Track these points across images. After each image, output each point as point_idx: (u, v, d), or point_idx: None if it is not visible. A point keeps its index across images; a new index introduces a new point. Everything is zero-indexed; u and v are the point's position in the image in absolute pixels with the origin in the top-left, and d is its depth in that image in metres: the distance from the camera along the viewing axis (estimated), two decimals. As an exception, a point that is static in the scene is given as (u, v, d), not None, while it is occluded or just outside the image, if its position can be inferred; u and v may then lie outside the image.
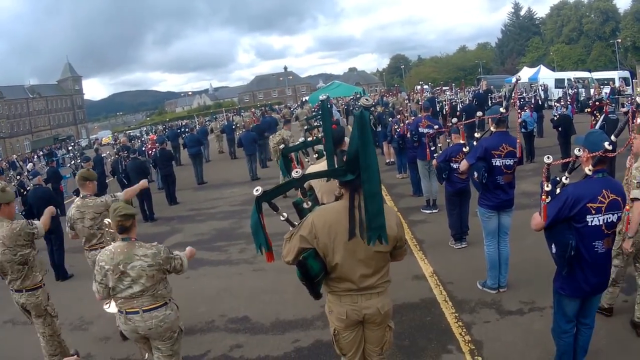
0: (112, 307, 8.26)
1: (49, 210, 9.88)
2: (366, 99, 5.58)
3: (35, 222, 9.42)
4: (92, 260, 9.76)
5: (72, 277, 15.20)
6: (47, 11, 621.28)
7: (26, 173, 29.08)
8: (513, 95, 11.89)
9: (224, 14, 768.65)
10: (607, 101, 23.60)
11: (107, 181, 27.74)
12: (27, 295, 9.16)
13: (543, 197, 6.60)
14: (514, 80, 11.91)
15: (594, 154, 6.47)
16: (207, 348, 9.90)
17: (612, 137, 6.59)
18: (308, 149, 10.68)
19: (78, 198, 10.69)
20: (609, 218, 6.45)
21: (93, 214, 10.29)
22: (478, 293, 10.71)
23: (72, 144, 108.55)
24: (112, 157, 30.45)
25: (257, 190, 5.58)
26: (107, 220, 8.91)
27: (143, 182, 10.94)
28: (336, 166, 6.47)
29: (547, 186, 6.58)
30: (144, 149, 35.11)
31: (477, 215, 10.76)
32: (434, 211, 17.14)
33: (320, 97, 7.92)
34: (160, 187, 27.16)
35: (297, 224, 5.84)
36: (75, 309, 11.98)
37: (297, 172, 5.71)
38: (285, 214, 5.96)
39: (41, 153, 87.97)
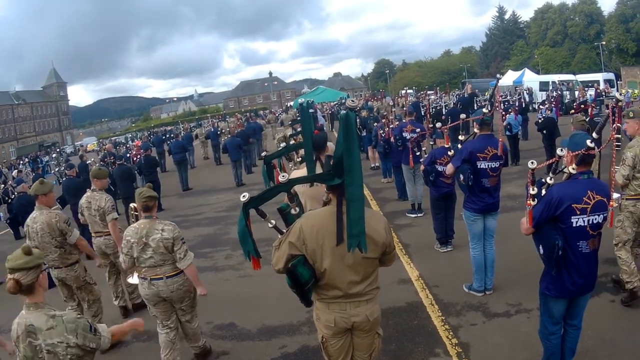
0: (134, 279, 9.28)
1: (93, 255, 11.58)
2: (352, 100, 5.55)
3: (76, 230, 10.64)
4: (97, 246, 11.94)
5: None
6: (33, 17, 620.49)
7: (10, 181, 28.99)
8: (495, 95, 11.88)
9: (210, 20, 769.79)
10: (592, 104, 23.64)
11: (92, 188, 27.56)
12: (66, 270, 10.50)
13: (529, 201, 6.62)
14: (495, 81, 11.91)
15: (576, 152, 6.49)
16: (194, 355, 9.81)
17: (594, 135, 6.63)
18: (292, 154, 10.67)
19: (89, 190, 12.20)
20: (595, 219, 6.47)
21: (97, 206, 11.71)
22: (464, 296, 10.70)
23: (57, 150, 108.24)
24: (98, 164, 30.36)
25: (244, 197, 5.56)
26: (132, 205, 9.82)
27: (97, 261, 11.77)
28: (320, 171, 6.45)
29: (533, 190, 6.59)
30: (128, 155, 35.00)
31: (462, 218, 10.76)
32: (419, 215, 17.15)
33: (300, 101, 7.92)
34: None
35: (285, 231, 5.80)
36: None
37: (283, 176, 5.69)
38: (273, 221, 5.94)
39: (26, 160, 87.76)
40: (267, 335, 10.31)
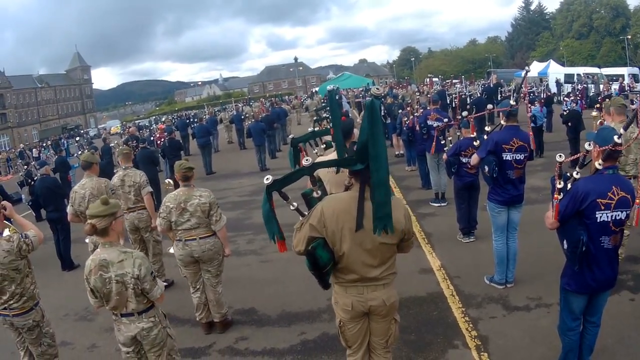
0: (172, 249, 10.26)
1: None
2: (377, 88, 5.60)
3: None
4: (130, 221, 12.44)
5: (79, 267, 15.15)
6: (57, 1, 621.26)
7: (33, 162, 29.00)
8: (523, 87, 11.80)
9: (236, 4, 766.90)
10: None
11: (114, 171, 27.43)
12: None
13: (555, 195, 6.61)
14: (523, 72, 11.84)
15: (603, 148, 6.46)
16: (213, 340, 9.92)
17: (621, 130, 6.59)
18: (317, 140, 10.70)
19: (121, 169, 12.89)
20: (618, 215, 6.44)
21: (132, 181, 12.39)
22: (485, 288, 10.68)
23: (80, 132, 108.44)
24: (120, 147, 30.39)
25: (268, 179, 5.68)
26: (167, 180, 11.48)
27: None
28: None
29: (560, 183, 6.57)
30: (152, 138, 35.01)
31: (485, 209, 10.73)
32: (442, 204, 17.08)
33: (328, 88, 7.92)
34: (169, 177, 26.77)
35: (306, 213, 5.86)
36: (81, 300, 11.88)
37: (307, 160, 5.77)
38: (295, 204, 5.98)
39: (49, 142, 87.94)
40: (286, 322, 10.34)
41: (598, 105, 21.33)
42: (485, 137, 10.44)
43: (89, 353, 10.20)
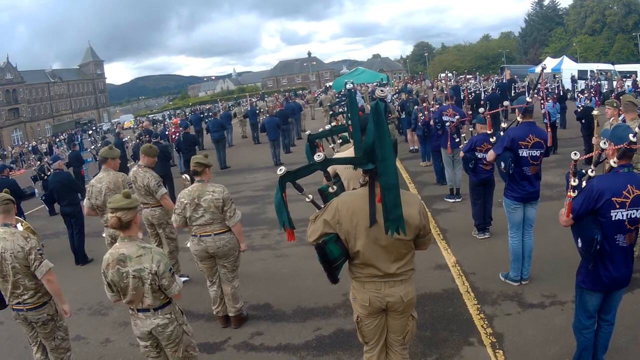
0: (189, 244, 10.18)
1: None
2: (381, 90, 5.61)
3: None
4: (144, 217, 12.33)
5: (92, 262, 15.34)
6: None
7: (46, 159, 29.05)
8: (539, 84, 11.72)
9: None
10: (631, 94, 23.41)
11: (128, 165, 27.42)
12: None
13: (569, 193, 6.61)
14: (538, 69, 11.83)
15: (618, 146, 6.46)
16: (228, 335, 9.95)
17: (636, 129, 6.59)
18: (333, 137, 10.71)
19: (136, 165, 13.03)
20: (633, 214, 6.44)
21: (142, 182, 12.20)
22: (500, 285, 10.67)
23: (94, 127, 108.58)
24: (134, 142, 30.29)
25: (281, 170, 5.71)
26: (184, 175, 11.47)
27: None
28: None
29: (574, 181, 6.56)
30: (167, 133, 35.00)
31: (501, 205, 10.73)
32: (457, 200, 17.10)
33: (347, 86, 7.89)
34: (183, 172, 26.49)
35: (322, 206, 5.93)
36: (94, 294, 12.01)
37: (319, 155, 5.76)
38: (310, 196, 6.08)
39: (62, 137, 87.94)
40: (301, 317, 10.37)
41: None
42: (501, 133, 10.44)
43: (103, 347, 10.23)
